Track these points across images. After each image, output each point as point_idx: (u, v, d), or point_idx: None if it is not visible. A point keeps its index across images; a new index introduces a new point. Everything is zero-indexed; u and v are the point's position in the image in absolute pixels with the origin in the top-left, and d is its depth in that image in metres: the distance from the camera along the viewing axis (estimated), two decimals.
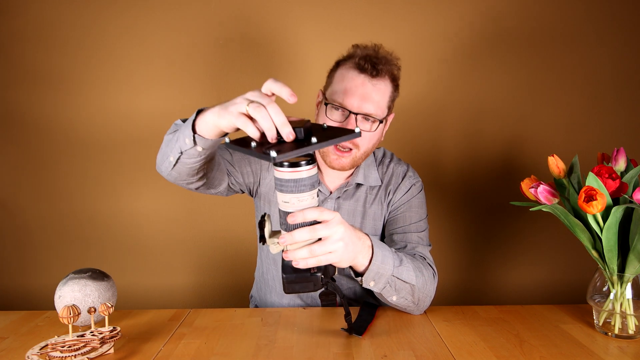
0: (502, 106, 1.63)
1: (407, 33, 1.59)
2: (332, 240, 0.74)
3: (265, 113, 0.66)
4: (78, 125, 1.63)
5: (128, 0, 1.57)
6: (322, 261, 0.74)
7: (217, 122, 0.73)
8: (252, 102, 0.68)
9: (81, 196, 1.66)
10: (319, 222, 0.73)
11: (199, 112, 0.79)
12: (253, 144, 0.67)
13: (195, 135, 0.79)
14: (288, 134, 0.65)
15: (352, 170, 1.13)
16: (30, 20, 1.58)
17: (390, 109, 1.07)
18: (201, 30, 1.59)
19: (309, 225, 0.72)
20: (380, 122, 1.03)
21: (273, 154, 0.61)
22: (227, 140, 0.70)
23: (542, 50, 1.60)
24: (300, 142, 0.66)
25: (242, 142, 0.69)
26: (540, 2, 1.58)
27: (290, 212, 0.71)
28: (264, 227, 0.74)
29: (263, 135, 0.68)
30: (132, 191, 1.66)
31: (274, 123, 0.65)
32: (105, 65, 1.60)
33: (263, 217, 0.74)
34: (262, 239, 0.75)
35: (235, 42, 1.60)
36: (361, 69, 1.00)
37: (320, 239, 0.74)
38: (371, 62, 1.00)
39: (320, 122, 1.03)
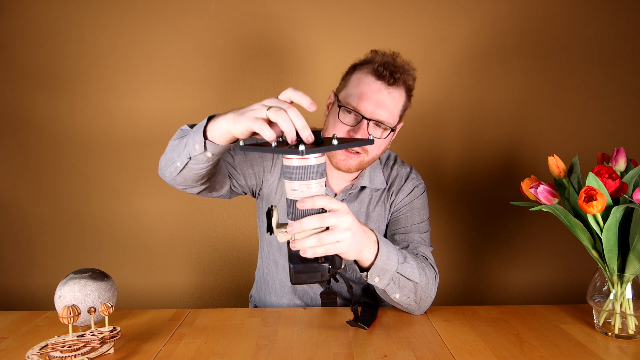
0: (502, 106, 1.63)
1: (409, 34, 1.59)
2: (340, 229, 0.74)
3: (286, 116, 0.68)
4: (78, 125, 1.63)
5: (129, 0, 1.57)
6: (330, 250, 0.74)
7: (231, 128, 0.74)
8: (270, 107, 0.69)
9: (81, 196, 1.66)
10: (326, 213, 0.74)
11: (210, 118, 0.80)
12: (274, 143, 0.69)
13: (207, 142, 0.80)
14: (308, 137, 0.68)
15: (357, 173, 1.13)
16: (30, 20, 1.58)
17: (400, 118, 1.06)
18: (203, 31, 1.59)
19: (317, 214, 0.73)
20: (392, 130, 1.03)
21: (302, 147, 0.65)
22: (241, 143, 0.73)
23: (542, 50, 1.60)
24: (318, 144, 0.69)
25: (258, 145, 0.73)
26: (540, 3, 1.58)
27: (299, 199, 0.72)
28: (272, 217, 0.75)
29: (277, 140, 0.71)
30: (133, 191, 1.66)
31: (294, 126, 0.68)
32: (106, 65, 1.60)
33: (270, 208, 0.75)
34: (270, 229, 0.75)
35: (237, 43, 1.60)
36: (379, 76, 0.99)
37: (327, 228, 0.74)
38: (389, 69, 0.99)
39: (331, 123, 1.04)
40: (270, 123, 0.70)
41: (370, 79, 1.00)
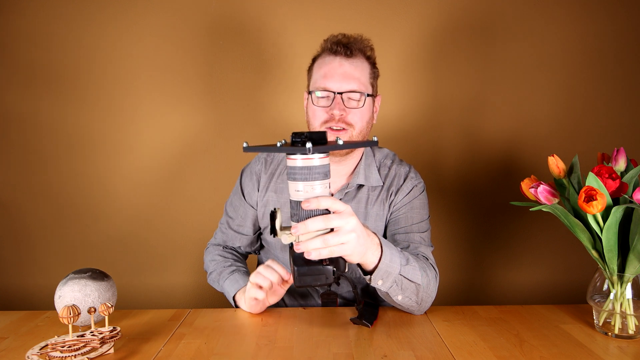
0: (502, 106, 1.63)
1: (406, 32, 1.59)
2: (344, 230, 0.74)
3: (263, 276, 0.95)
4: (79, 125, 1.63)
5: (129, 1, 1.57)
6: (335, 252, 0.74)
7: (242, 305, 1.03)
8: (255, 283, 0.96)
9: (81, 196, 1.66)
10: (330, 214, 0.74)
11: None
12: (278, 143, 0.71)
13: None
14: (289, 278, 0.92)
15: (352, 170, 1.13)
16: (30, 20, 1.57)
17: (374, 88, 1.09)
18: (203, 32, 1.59)
19: (321, 215, 0.73)
20: (368, 96, 1.05)
21: (309, 144, 0.67)
22: (245, 144, 0.75)
23: (543, 50, 1.60)
24: (323, 144, 0.71)
25: (263, 146, 0.75)
26: (539, 3, 1.58)
27: (304, 200, 0.72)
28: (275, 219, 0.74)
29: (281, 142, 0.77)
30: (133, 191, 1.66)
31: (279, 274, 0.95)
32: (105, 65, 1.60)
33: (274, 210, 0.75)
34: (273, 231, 0.75)
35: (238, 44, 1.60)
36: (335, 52, 1.05)
37: (332, 230, 0.74)
38: (342, 44, 1.05)
39: (310, 114, 1.08)
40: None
41: (328, 58, 1.06)
